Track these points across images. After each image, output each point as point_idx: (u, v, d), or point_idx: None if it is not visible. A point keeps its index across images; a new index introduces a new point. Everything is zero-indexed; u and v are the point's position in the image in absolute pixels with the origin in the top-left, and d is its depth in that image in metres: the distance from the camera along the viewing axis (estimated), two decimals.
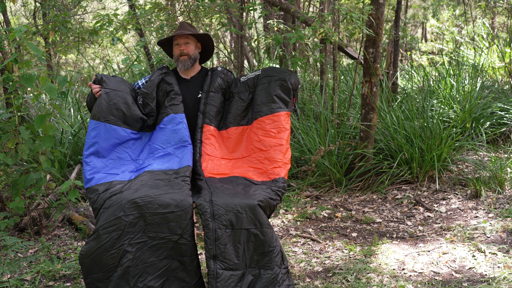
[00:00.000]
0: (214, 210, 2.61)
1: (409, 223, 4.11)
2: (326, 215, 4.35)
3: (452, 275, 3.09)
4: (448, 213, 4.22)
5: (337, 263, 3.37)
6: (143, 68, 7.16)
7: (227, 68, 4.36)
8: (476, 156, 5.37)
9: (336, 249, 3.63)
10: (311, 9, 8.76)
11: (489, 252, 3.33)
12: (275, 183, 2.87)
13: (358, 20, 4.11)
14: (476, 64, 7.76)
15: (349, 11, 4.13)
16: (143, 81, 3.28)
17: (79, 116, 6.34)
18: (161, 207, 2.57)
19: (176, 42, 3.21)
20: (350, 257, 3.45)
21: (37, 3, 8.18)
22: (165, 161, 2.94)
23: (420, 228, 3.98)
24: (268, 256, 2.65)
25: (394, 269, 3.21)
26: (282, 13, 6.52)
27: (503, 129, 5.84)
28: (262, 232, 2.63)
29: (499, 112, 5.98)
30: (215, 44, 8.56)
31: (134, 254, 2.57)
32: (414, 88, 7.38)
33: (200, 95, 3.19)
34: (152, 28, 5.99)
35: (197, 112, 3.15)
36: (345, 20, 5.89)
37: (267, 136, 3.02)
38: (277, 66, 6.47)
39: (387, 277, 3.09)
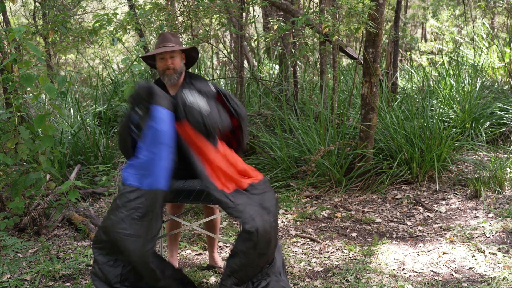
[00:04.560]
0: (258, 241, 2.67)
1: (409, 223, 4.11)
2: (326, 215, 4.35)
3: (452, 275, 3.09)
4: (448, 213, 4.22)
5: (337, 263, 3.37)
6: (143, 68, 7.15)
7: (226, 68, 4.35)
8: (476, 156, 5.37)
9: (336, 249, 3.63)
10: (311, 8, 8.74)
11: (489, 252, 3.34)
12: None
13: (362, 14, 4.12)
14: (475, 64, 7.76)
15: (354, 6, 4.15)
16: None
17: (78, 116, 6.34)
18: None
19: (160, 56, 2.99)
20: (350, 257, 3.45)
21: (36, 3, 8.18)
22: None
23: (420, 228, 3.98)
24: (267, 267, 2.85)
25: (393, 269, 3.21)
26: (282, 12, 6.52)
27: (503, 129, 5.84)
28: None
29: (499, 112, 5.98)
30: (215, 44, 8.56)
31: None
32: (414, 88, 7.38)
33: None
34: (152, 28, 5.99)
35: None
36: (344, 20, 5.88)
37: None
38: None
39: (387, 277, 3.09)
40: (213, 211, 3.24)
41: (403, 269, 3.21)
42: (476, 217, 4.04)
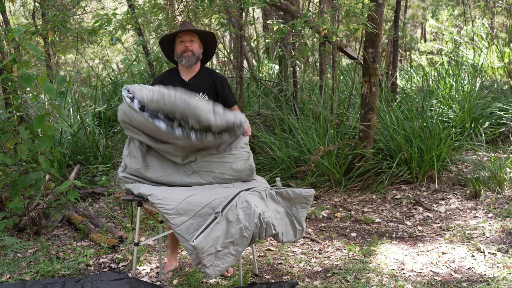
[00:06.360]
0: None
1: (408, 223, 4.11)
2: (325, 215, 4.35)
3: (451, 275, 3.09)
4: (448, 213, 4.22)
5: (336, 263, 3.37)
6: (142, 68, 7.14)
7: (226, 68, 4.37)
8: (475, 156, 5.37)
9: (336, 249, 3.63)
10: (310, 9, 8.75)
11: (488, 252, 3.34)
12: None
13: (361, 15, 4.13)
14: (475, 64, 7.76)
15: (352, 7, 4.15)
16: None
17: (78, 116, 6.34)
18: None
19: (180, 39, 3.13)
20: (350, 257, 3.45)
21: (36, 3, 8.17)
22: None
23: (420, 228, 3.98)
24: None
25: (393, 269, 3.21)
26: (282, 13, 6.52)
27: (502, 129, 5.84)
28: None
29: (498, 112, 5.98)
30: None
31: None
32: (413, 88, 7.39)
33: (198, 96, 3.12)
34: (151, 28, 5.99)
35: None
36: (344, 20, 5.88)
37: None
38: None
39: (387, 277, 3.09)
40: None
41: (402, 269, 3.21)
42: (476, 217, 4.05)
